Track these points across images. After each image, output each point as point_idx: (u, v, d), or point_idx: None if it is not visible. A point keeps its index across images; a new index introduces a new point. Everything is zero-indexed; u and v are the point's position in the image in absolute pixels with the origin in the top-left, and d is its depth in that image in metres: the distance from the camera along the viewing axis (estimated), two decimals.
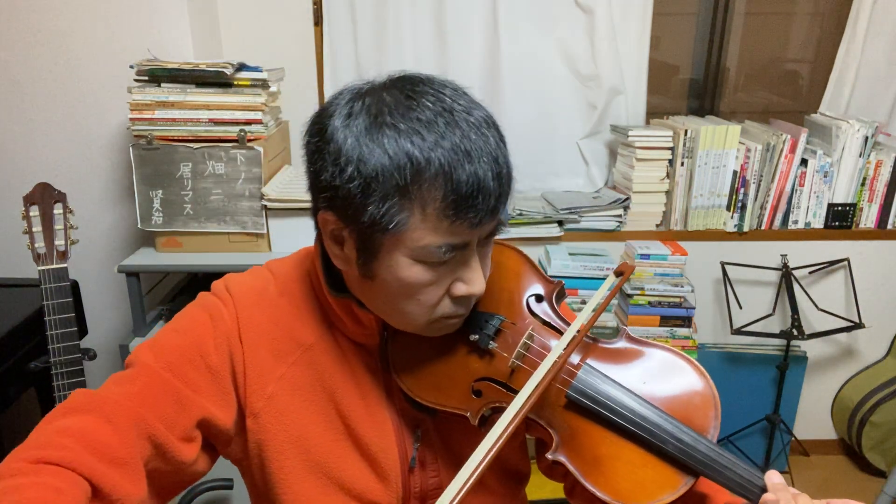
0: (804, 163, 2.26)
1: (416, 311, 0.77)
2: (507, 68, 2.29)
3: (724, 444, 2.41)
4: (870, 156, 2.26)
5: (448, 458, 0.89)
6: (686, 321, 2.12)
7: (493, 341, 0.82)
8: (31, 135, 2.06)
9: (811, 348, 2.44)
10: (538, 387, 0.74)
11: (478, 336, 0.82)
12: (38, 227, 1.55)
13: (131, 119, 1.79)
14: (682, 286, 2.11)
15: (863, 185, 2.29)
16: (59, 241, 1.56)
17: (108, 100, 2.02)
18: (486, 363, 0.82)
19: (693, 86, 2.65)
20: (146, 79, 1.80)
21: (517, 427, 0.72)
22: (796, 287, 2.25)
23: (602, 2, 2.23)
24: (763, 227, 2.33)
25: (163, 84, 1.80)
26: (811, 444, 2.58)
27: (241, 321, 0.83)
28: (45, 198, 1.56)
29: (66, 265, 1.56)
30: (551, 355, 0.78)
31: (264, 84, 1.82)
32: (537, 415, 0.79)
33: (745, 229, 2.31)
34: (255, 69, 1.83)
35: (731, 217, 2.30)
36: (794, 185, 2.28)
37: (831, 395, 2.56)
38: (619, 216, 2.29)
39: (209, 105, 1.79)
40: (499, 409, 0.79)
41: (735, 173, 2.24)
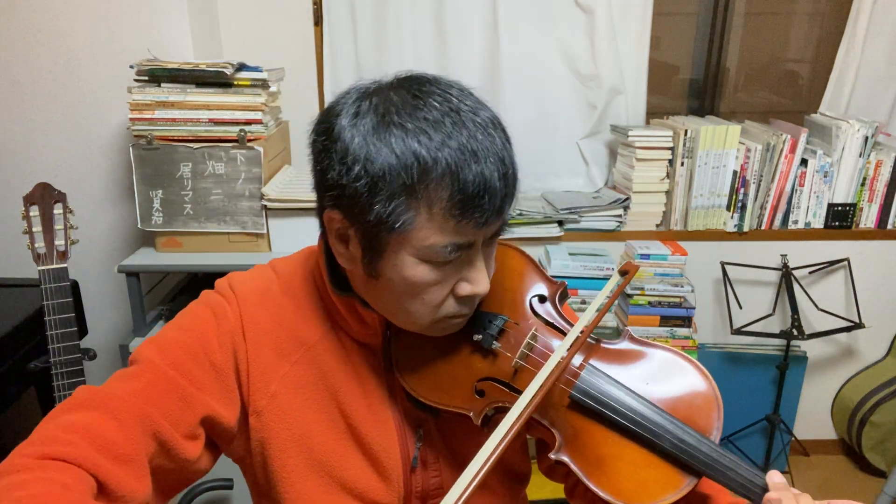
0: (804, 163, 2.26)
1: (421, 310, 0.77)
2: (507, 68, 2.29)
3: (724, 445, 2.41)
4: (870, 156, 2.26)
5: (450, 458, 0.89)
6: (686, 321, 2.12)
7: (496, 341, 0.82)
8: (31, 135, 2.06)
9: (811, 348, 2.44)
10: (542, 387, 0.74)
11: (481, 336, 0.82)
12: (38, 227, 1.55)
13: (131, 119, 1.79)
14: (682, 286, 2.11)
15: (863, 185, 2.29)
16: (59, 241, 1.56)
17: (108, 100, 2.02)
18: (489, 363, 0.82)
19: (693, 86, 2.65)
20: (146, 79, 1.80)
21: (521, 428, 0.72)
22: (796, 287, 2.25)
23: (602, 2, 2.23)
24: (763, 227, 2.33)
25: (163, 84, 1.80)
26: (811, 444, 2.58)
27: (244, 319, 0.83)
28: (45, 198, 1.56)
29: (66, 265, 1.56)
30: (555, 356, 0.78)
31: (264, 84, 1.82)
32: (540, 415, 0.79)
33: (745, 229, 2.31)
34: (255, 69, 1.83)
35: (731, 217, 2.30)
36: (794, 185, 2.28)
37: (831, 395, 2.56)
38: (619, 216, 2.29)
39: (209, 105, 1.79)
40: (502, 409, 0.79)
41: (735, 173, 2.24)
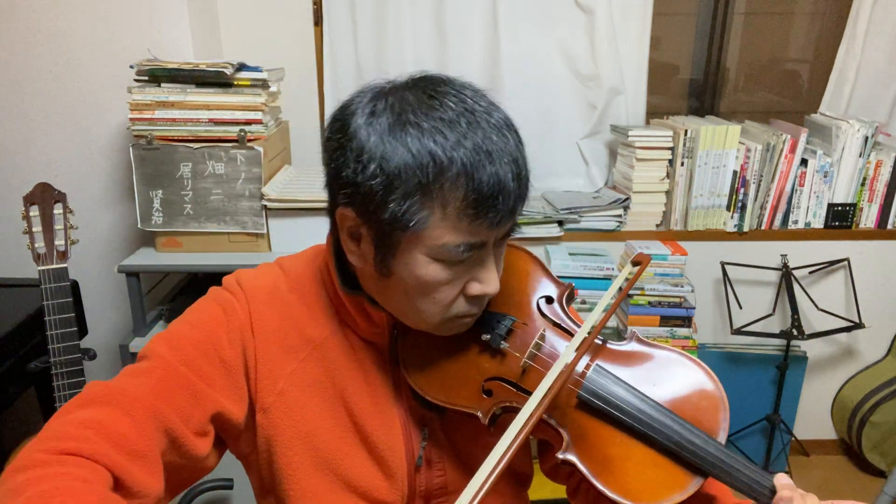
0: (804, 163, 2.26)
1: (432, 309, 0.77)
2: (507, 68, 2.29)
3: (726, 445, 2.41)
4: (870, 156, 2.26)
5: (454, 458, 0.89)
6: (686, 321, 2.12)
7: (504, 341, 0.82)
8: (31, 135, 2.06)
9: (811, 348, 2.44)
10: (552, 388, 0.75)
11: (490, 336, 0.82)
12: (38, 227, 1.55)
13: (131, 119, 1.79)
14: (682, 286, 2.11)
15: (863, 185, 2.29)
16: (59, 241, 1.56)
17: (108, 100, 2.02)
18: (497, 363, 0.83)
19: (693, 86, 2.65)
20: (146, 79, 1.80)
21: (532, 429, 0.72)
22: (796, 287, 2.25)
23: (602, 2, 2.23)
24: (763, 227, 2.33)
25: (163, 84, 1.80)
26: (811, 444, 2.58)
27: (253, 316, 0.83)
28: (45, 198, 1.56)
29: (66, 265, 1.56)
30: (564, 356, 0.79)
31: (264, 84, 1.82)
32: (548, 415, 0.80)
33: (745, 229, 2.31)
34: (255, 69, 1.83)
35: (731, 217, 2.30)
36: (794, 185, 2.28)
37: (831, 395, 2.56)
38: (619, 216, 2.29)
39: (209, 105, 1.79)
40: (509, 409, 0.79)
41: (735, 173, 2.24)
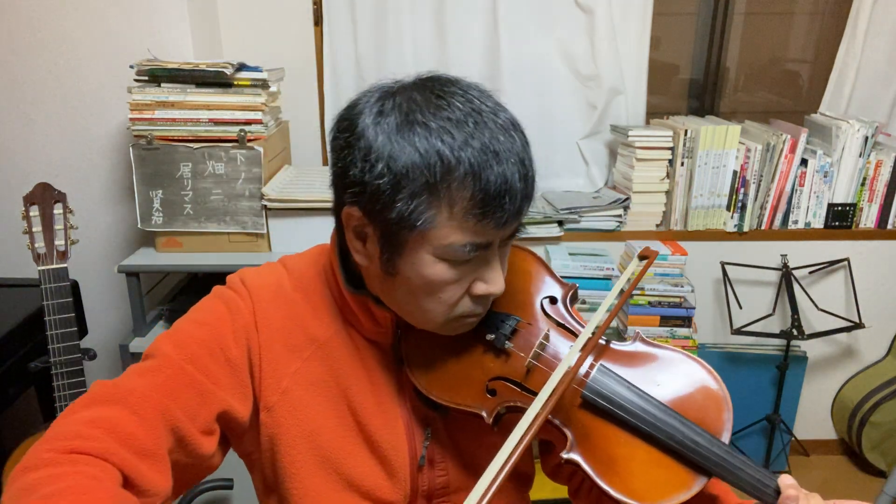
0: (804, 163, 2.26)
1: (437, 308, 0.77)
2: (507, 68, 2.29)
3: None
4: (870, 156, 2.26)
5: (457, 458, 0.89)
6: (686, 321, 2.12)
7: (509, 341, 0.83)
8: (31, 135, 2.06)
9: (811, 348, 2.44)
10: (557, 389, 0.75)
11: (494, 336, 0.82)
12: (38, 227, 1.55)
13: (131, 119, 1.79)
14: (682, 286, 2.11)
15: (863, 185, 2.29)
16: (59, 241, 1.56)
17: (108, 100, 2.02)
18: (501, 363, 0.83)
19: (693, 86, 2.65)
20: (146, 79, 1.80)
21: (538, 430, 0.72)
22: (796, 287, 2.25)
23: (602, 2, 2.23)
24: (763, 227, 2.33)
25: (163, 84, 1.80)
26: (811, 444, 2.58)
27: (257, 315, 0.84)
28: (45, 198, 1.56)
29: (66, 265, 1.56)
30: (569, 356, 0.79)
31: (264, 84, 1.82)
32: (552, 415, 0.80)
33: (745, 229, 2.31)
34: (255, 69, 1.83)
35: (731, 217, 2.30)
36: (794, 185, 2.28)
37: (831, 395, 2.56)
38: (619, 216, 2.29)
39: (209, 105, 1.79)
40: (513, 409, 0.80)
41: (735, 173, 2.24)
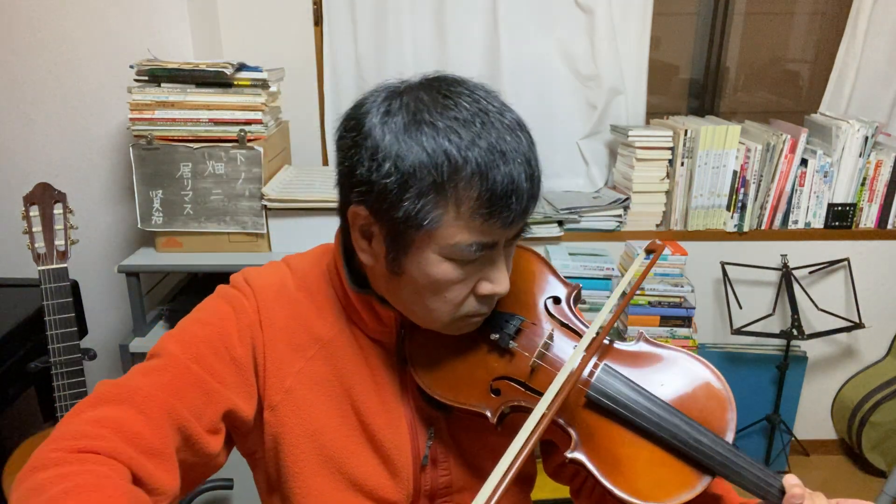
0: (804, 163, 2.26)
1: (442, 308, 0.77)
2: (507, 68, 2.29)
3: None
4: (870, 156, 2.26)
5: (460, 458, 0.89)
6: (686, 321, 2.12)
7: (513, 341, 0.83)
8: (31, 135, 2.06)
9: (811, 348, 2.44)
10: (562, 389, 0.75)
11: (498, 335, 0.82)
12: (38, 227, 1.55)
13: (131, 119, 1.79)
14: (682, 286, 2.11)
15: (863, 185, 2.29)
16: (59, 241, 1.56)
17: (108, 100, 2.02)
18: (505, 362, 0.83)
19: (693, 86, 2.65)
20: (146, 79, 1.80)
21: (544, 431, 0.72)
22: (796, 287, 2.25)
23: (602, 2, 2.23)
24: (763, 227, 2.33)
25: (163, 84, 1.80)
26: (811, 444, 2.58)
27: (262, 314, 0.84)
28: (45, 198, 1.56)
29: (66, 265, 1.56)
30: (573, 356, 0.79)
31: (264, 84, 1.82)
32: (557, 414, 0.80)
33: (745, 229, 2.31)
34: (255, 69, 1.83)
35: (731, 217, 2.30)
36: (794, 185, 2.28)
37: (831, 395, 2.56)
38: (619, 216, 2.29)
39: (209, 105, 1.79)
40: (517, 409, 0.80)
41: (735, 173, 2.24)
